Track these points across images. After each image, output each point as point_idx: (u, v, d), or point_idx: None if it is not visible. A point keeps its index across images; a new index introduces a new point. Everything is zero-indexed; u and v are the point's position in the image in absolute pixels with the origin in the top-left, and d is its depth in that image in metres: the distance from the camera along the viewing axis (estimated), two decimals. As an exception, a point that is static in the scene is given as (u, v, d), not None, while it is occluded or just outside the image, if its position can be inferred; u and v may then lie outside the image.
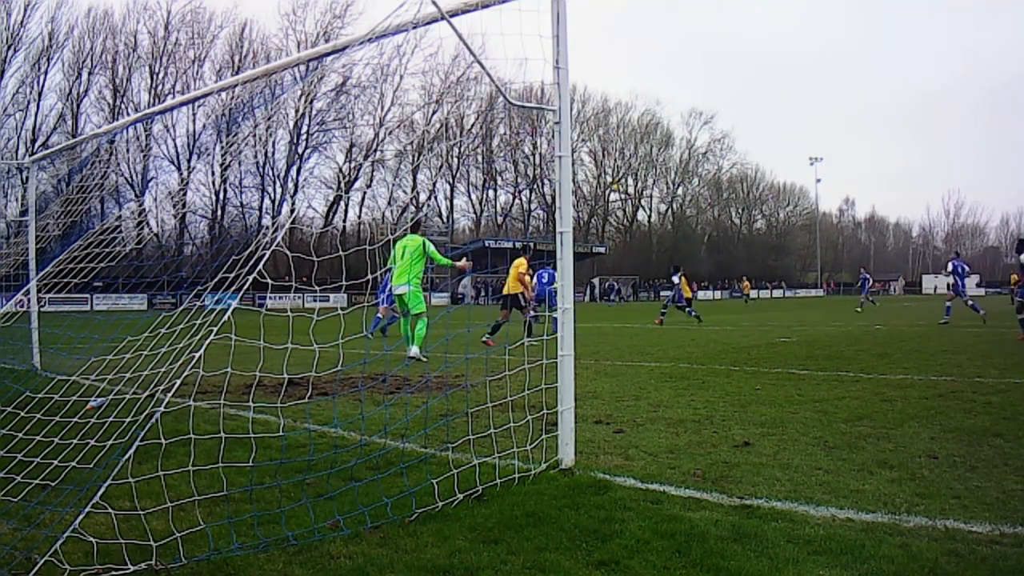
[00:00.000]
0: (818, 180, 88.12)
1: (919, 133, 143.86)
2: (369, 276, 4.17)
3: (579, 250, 54.33)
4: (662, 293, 72.28)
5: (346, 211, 65.20)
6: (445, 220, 68.58)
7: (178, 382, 3.37)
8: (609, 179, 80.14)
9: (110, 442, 3.43)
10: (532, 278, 14.23)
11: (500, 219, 73.93)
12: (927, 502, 3.51)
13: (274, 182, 59.73)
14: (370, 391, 7.28)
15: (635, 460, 4.41)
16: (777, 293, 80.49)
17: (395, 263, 9.94)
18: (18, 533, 3.15)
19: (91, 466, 3.44)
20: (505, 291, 13.44)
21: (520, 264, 13.44)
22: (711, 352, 11.44)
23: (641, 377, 8.46)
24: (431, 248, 9.95)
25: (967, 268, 19.55)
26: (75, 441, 3.81)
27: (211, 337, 3.49)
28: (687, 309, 20.64)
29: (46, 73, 51.74)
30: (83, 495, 3.09)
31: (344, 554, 2.93)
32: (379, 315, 14.53)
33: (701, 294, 64.52)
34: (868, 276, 29.88)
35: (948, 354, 10.53)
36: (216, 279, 3.66)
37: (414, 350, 9.69)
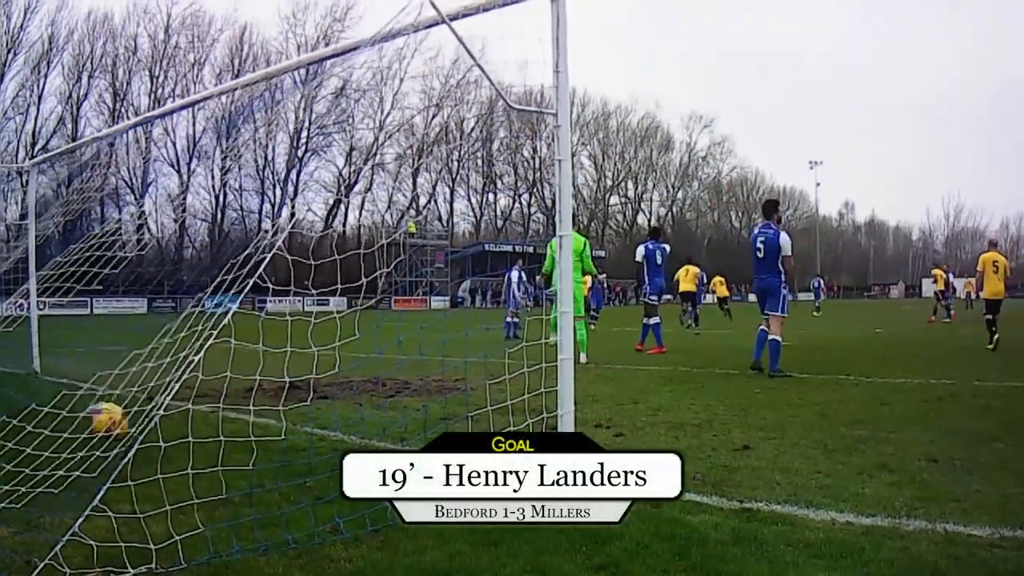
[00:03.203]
0: (818, 184, 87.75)
1: (919, 137, 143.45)
2: (376, 279, 4.16)
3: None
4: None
5: (346, 215, 65.34)
6: (445, 223, 68.62)
7: (177, 386, 3.37)
8: (609, 183, 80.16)
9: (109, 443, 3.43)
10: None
11: (500, 223, 73.96)
12: (927, 505, 3.50)
13: (274, 186, 59.84)
14: (370, 395, 7.28)
15: (635, 463, 4.40)
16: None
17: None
18: (18, 536, 3.15)
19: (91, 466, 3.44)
20: (684, 288, 15.43)
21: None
22: (710, 355, 11.44)
23: (640, 380, 8.46)
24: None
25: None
26: (74, 445, 3.81)
27: (211, 340, 3.48)
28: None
29: (46, 77, 51.90)
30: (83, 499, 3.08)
31: (344, 557, 2.93)
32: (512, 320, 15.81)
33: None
34: None
35: (947, 358, 10.54)
36: (215, 283, 3.65)
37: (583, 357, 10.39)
